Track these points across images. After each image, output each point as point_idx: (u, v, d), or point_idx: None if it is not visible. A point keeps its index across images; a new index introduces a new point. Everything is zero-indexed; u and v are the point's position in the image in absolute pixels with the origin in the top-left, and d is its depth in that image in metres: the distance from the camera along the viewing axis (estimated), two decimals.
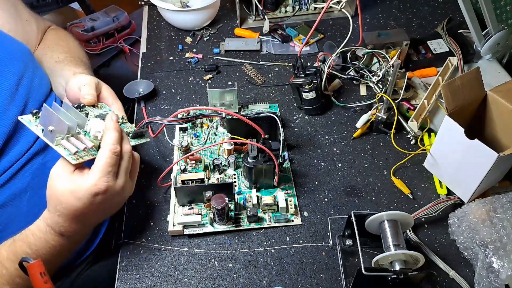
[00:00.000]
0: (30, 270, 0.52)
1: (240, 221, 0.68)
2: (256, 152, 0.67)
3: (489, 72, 0.87)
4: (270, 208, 0.69)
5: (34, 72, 0.76)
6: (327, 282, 0.63)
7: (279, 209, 0.68)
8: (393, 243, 0.57)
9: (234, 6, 1.03)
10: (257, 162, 0.67)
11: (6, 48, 0.72)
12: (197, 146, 0.78)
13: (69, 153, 0.56)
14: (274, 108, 0.85)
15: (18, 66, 0.72)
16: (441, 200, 0.69)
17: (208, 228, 0.67)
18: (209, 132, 0.80)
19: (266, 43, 1.01)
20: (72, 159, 0.56)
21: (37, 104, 0.74)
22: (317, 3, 1.05)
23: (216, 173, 0.73)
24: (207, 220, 0.68)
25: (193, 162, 0.73)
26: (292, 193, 0.72)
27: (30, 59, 0.77)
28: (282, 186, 0.73)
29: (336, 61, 0.87)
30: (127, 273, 0.64)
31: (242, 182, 0.73)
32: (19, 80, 0.72)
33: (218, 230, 0.67)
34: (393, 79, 0.75)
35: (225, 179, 0.73)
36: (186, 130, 0.81)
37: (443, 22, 0.96)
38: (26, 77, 0.73)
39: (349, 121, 0.84)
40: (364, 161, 0.78)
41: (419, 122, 0.78)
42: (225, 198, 0.64)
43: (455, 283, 0.62)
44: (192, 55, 0.98)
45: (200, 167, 0.73)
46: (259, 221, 0.68)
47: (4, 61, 0.70)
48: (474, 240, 0.61)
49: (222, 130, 0.80)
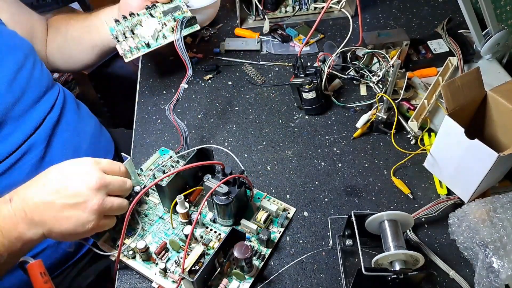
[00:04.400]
0: (30, 270, 0.52)
1: (265, 255, 0.64)
2: (225, 187, 0.61)
3: (489, 72, 0.87)
4: (269, 219, 0.67)
5: (34, 64, 0.78)
6: (327, 282, 0.63)
7: (275, 214, 0.68)
8: (393, 243, 0.57)
9: (234, 6, 1.03)
10: (232, 193, 0.62)
11: (7, 41, 0.74)
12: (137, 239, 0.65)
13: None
14: (166, 151, 0.78)
15: (18, 56, 0.74)
16: (441, 200, 0.69)
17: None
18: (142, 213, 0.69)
19: (266, 43, 1.01)
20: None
21: (34, 95, 0.76)
22: (317, 3, 1.05)
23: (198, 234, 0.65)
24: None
25: (161, 254, 0.63)
26: (266, 196, 0.71)
27: (31, 52, 0.78)
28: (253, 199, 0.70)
29: (336, 61, 0.87)
30: (127, 273, 0.64)
31: (220, 226, 0.66)
32: (18, 69, 0.73)
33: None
34: (393, 79, 0.75)
35: (210, 235, 0.65)
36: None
37: (443, 22, 0.96)
38: (25, 68, 0.75)
39: (349, 121, 0.84)
40: (364, 161, 0.78)
41: (419, 122, 0.78)
42: (245, 244, 0.57)
43: (455, 283, 0.62)
44: (192, 55, 0.98)
45: (172, 250, 0.64)
46: (272, 237, 0.65)
47: (4, 50, 0.72)
48: (474, 240, 0.61)
49: (155, 200, 0.70)
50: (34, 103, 0.76)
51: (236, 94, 0.90)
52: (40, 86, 0.78)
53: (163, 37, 0.79)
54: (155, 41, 0.78)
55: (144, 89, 0.92)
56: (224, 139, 0.82)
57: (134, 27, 0.79)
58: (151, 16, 0.79)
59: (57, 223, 0.55)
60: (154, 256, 0.63)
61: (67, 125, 0.81)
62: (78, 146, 0.82)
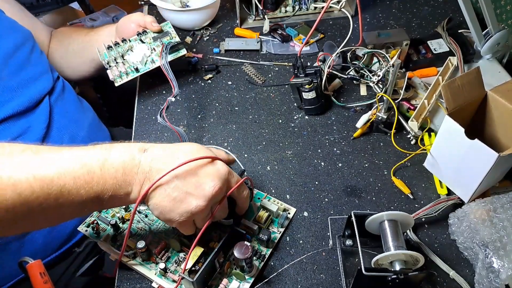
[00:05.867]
0: (30, 270, 0.52)
1: (265, 255, 0.64)
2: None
3: (489, 72, 0.87)
4: (269, 219, 0.67)
5: (33, 47, 0.81)
6: (327, 282, 0.63)
7: (275, 214, 0.68)
8: (393, 243, 0.57)
9: (234, 6, 1.03)
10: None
11: (6, 25, 0.77)
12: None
13: None
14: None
15: (17, 37, 0.78)
16: (441, 200, 0.69)
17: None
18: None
19: (266, 43, 1.01)
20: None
21: (32, 73, 0.78)
22: (317, 3, 1.05)
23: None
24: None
25: (161, 253, 0.63)
26: (266, 196, 0.71)
27: (31, 38, 0.82)
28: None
29: (336, 61, 0.87)
30: (127, 273, 0.64)
31: (221, 226, 0.65)
32: (16, 48, 0.76)
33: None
34: (393, 79, 0.75)
35: (210, 236, 0.63)
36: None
37: (443, 22, 0.96)
38: (24, 48, 0.78)
39: (349, 121, 0.84)
40: (364, 161, 0.78)
41: (419, 122, 0.78)
42: (246, 244, 0.57)
43: (455, 283, 0.62)
44: (192, 55, 0.98)
45: (172, 250, 0.63)
46: (272, 237, 0.65)
47: (3, 30, 0.75)
48: (474, 240, 0.61)
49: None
50: (32, 80, 0.78)
51: (236, 94, 0.90)
52: (38, 66, 0.80)
53: (152, 62, 0.83)
54: (144, 65, 0.83)
55: (144, 89, 0.92)
56: (224, 139, 0.82)
57: (125, 52, 0.83)
58: (141, 42, 0.84)
59: (162, 201, 0.53)
60: (154, 256, 0.63)
61: (66, 112, 0.83)
62: (74, 135, 0.83)
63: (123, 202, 0.54)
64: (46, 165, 0.48)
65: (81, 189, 0.49)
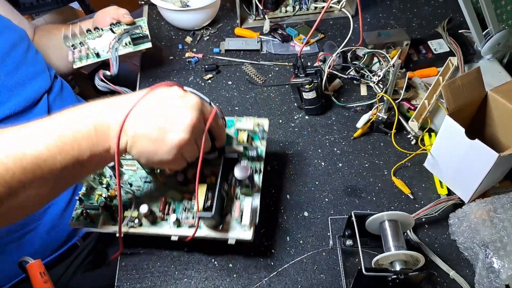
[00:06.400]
0: (30, 270, 0.52)
1: (261, 169, 0.65)
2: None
3: (489, 72, 0.87)
4: (249, 137, 0.66)
5: (29, 46, 0.82)
6: (327, 282, 0.63)
7: (253, 131, 0.67)
8: (393, 243, 0.57)
9: (234, 6, 1.02)
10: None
11: (1, 24, 0.78)
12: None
13: None
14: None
15: (13, 35, 0.79)
16: (441, 200, 0.69)
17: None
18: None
19: (266, 43, 1.01)
20: None
21: (29, 72, 0.79)
22: (318, 3, 1.05)
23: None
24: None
25: (165, 209, 0.63)
26: (238, 119, 0.70)
27: (26, 36, 0.83)
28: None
29: (336, 61, 0.87)
30: (127, 273, 0.64)
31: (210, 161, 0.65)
32: (12, 47, 0.77)
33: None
34: (393, 79, 0.75)
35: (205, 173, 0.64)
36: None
37: (444, 22, 0.96)
38: (20, 47, 0.79)
39: (350, 121, 0.84)
40: (364, 161, 0.78)
41: (420, 122, 0.78)
42: (242, 164, 0.59)
43: (456, 283, 0.62)
44: (192, 54, 0.98)
45: (175, 202, 0.64)
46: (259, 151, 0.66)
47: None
48: (475, 240, 0.61)
49: (132, 168, 0.68)
50: (29, 79, 0.78)
51: (236, 94, 0.90)
52: (35, 65, 0.81)
53: (115, 50, 0.85)
54: (106, 52, 0.85)
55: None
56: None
57: (93, 38, 0.86)
58: (112, 32, 0.87)
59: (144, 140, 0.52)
60: (160, 215, 0.63)
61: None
62: None
63: (105, 160, 0.53)
64: (15, 141, 0.48)
65: (57, 155, 0.48)
